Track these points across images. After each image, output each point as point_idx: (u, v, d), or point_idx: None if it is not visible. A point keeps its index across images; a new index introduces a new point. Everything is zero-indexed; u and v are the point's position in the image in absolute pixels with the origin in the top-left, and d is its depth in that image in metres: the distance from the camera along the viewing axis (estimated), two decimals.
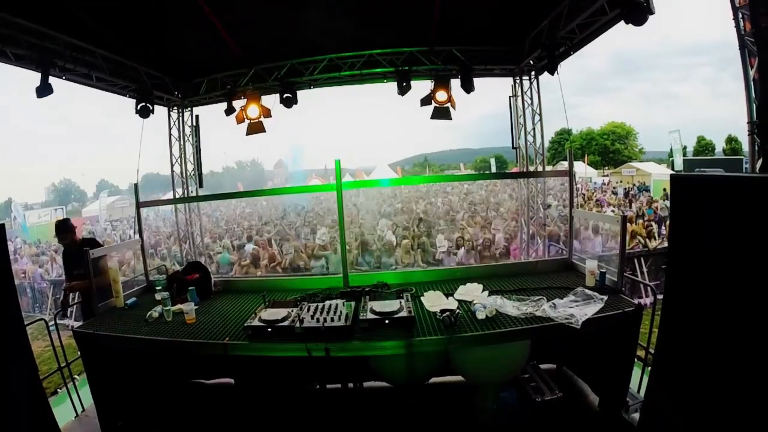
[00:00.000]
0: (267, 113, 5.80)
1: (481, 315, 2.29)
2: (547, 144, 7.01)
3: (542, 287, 2.75)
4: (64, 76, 4.66)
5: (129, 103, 5.63)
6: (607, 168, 36.02)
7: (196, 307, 2.71)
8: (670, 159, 18.21)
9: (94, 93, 5.65)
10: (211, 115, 6.68)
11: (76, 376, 3.22)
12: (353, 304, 2.55)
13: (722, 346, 1.62)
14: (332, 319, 2.26)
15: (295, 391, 2.99)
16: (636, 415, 2.50)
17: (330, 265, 7.00)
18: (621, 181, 20.75)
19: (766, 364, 1.45)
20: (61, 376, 3.12)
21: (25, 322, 2.36)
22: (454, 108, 5.60)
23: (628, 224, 6.56)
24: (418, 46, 5.55)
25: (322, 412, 2.76)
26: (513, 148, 6.62)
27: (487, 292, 2.67)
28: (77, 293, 3.83)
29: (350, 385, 2.94)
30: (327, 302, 2.52)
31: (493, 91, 7.96)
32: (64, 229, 3.65)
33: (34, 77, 4.26)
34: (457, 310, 2.34)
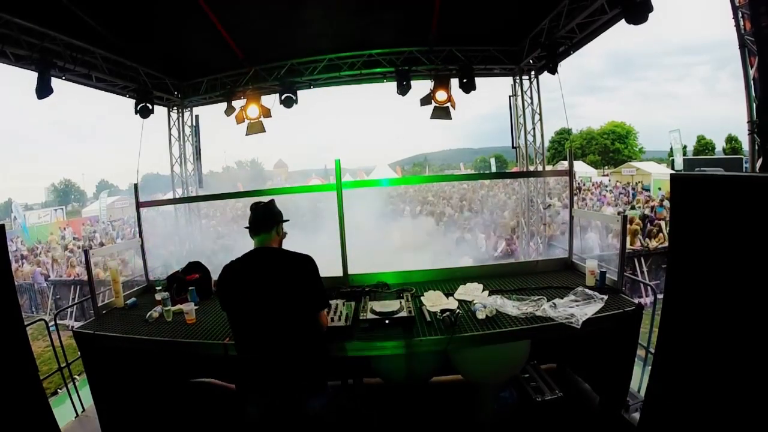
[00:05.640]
0: (267, 113, 5.81)
1: (481, 315, 2.29)
2: (546, 143, 7.01)
3: (542, 287, 2.74)
4: (63, 76, 4.65)
5: (129, 103, 5.65)
6: (607, 167, 35.99)
7: (196, 307, 2.71)
8: (670, 158, 18.23)
9: (94, 93, 5.65)
10: (211, 115, 6.68)
11: (76, 377, 3.22)
12: (353, 304, 2.54)
13: (722, 346, 1.62)
14: (332, 319, 2.25)
15: None
16: (636, 415, 2.51)
17: None
18: (622, 182, 20.72)
19: (766, 364, 1.45)
20: (62, 376, 3.12)
21: (25, 323, 2.37)
22: (453, 107, 5.61)
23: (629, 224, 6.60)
24: (417, 45, 5.55)
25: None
26: (513, 147, 6.63)
27: (487, 292, 2.67)
28: None
29: (350, 381, 2.94)
30: None
31: (493, 91, 7.98)
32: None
33: (34, 77, 4.26)
34: (457, 310, 2.34)
